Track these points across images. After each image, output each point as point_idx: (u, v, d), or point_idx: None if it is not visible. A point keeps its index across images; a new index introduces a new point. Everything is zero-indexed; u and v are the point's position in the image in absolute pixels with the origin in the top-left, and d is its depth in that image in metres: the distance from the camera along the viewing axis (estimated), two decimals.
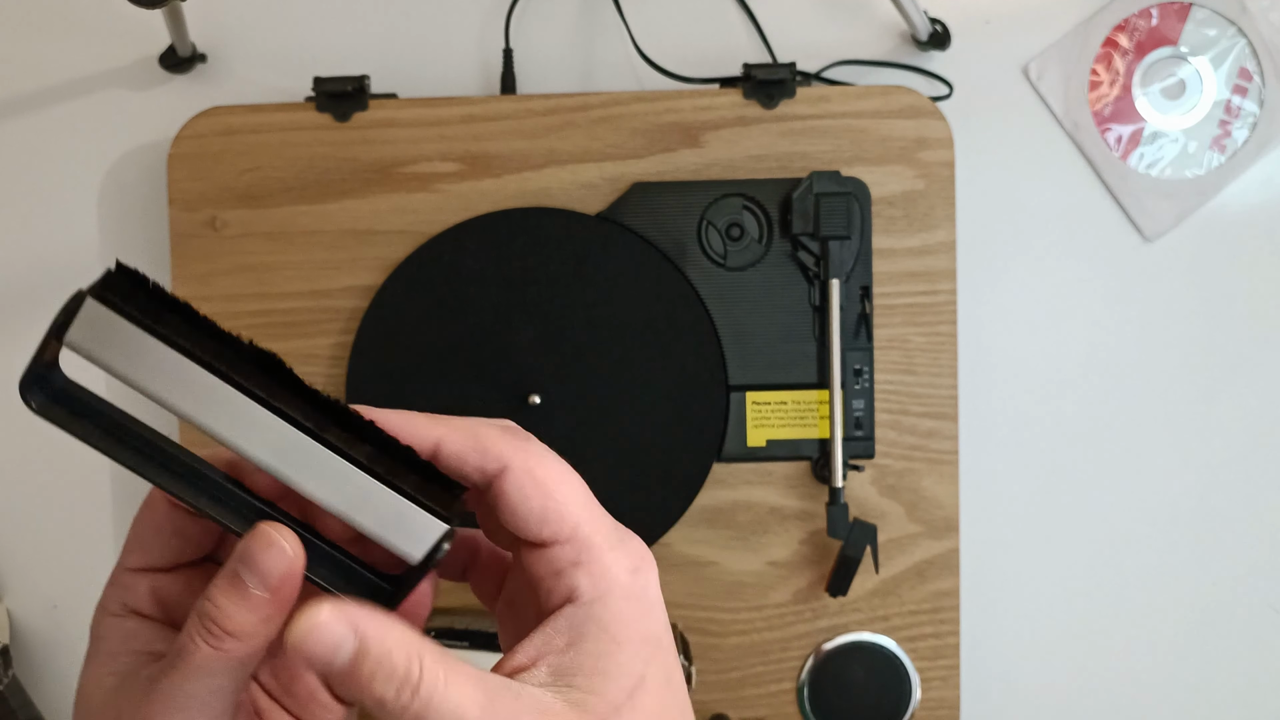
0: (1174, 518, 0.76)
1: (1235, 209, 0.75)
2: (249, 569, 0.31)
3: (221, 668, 0.31)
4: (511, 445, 0.33)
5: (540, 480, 0.33)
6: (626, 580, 0.33)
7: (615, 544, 0.33)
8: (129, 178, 0.75)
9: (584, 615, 0.32)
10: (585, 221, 0.70)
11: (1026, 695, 0.76)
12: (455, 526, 0.32)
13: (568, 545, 0.33)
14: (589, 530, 0.33)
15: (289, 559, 0.31)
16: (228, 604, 0.31)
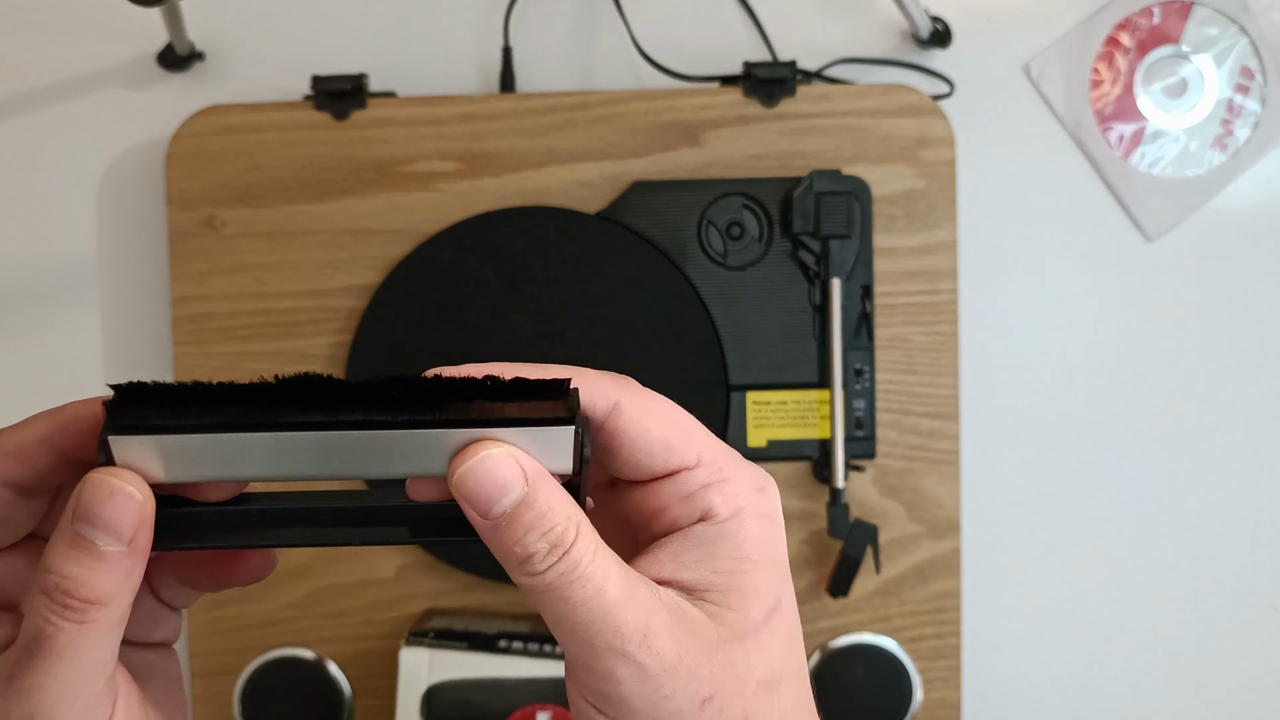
0: (1175, 517, 0.75)
1: (1237, 208, 0.75)
2: (94, 526, 0.28)
3: (91, 642, 0.29)
4: (616, 383, 0.32)
5: (653, 412, 0.32)
6: (759, 499, 0.32)
7: (740, 464, 0.33)
8: (127, 177, 0.75)
9: (717, 533, 0.31)
10: (585, 221, 0.70)
11: (1028, 696, 0.76)
12: (579, 420, 0.30)
13: (696, 469, 0.32)
14: (715, 451, 0.32)
15: (138, 503, 0.29)
16: (80, 571, 0.28)
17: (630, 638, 0.30)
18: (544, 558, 0.29)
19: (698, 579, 0.31)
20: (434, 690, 0.66)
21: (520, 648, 0.66)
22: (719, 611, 0.31)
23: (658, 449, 0.32)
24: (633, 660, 0.30)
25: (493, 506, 0.30)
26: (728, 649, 0.31)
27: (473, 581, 0.71)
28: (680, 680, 0.30)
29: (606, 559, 0.30)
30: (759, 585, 0.31)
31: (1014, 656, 0.76)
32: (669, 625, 0.30)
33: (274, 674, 0.71)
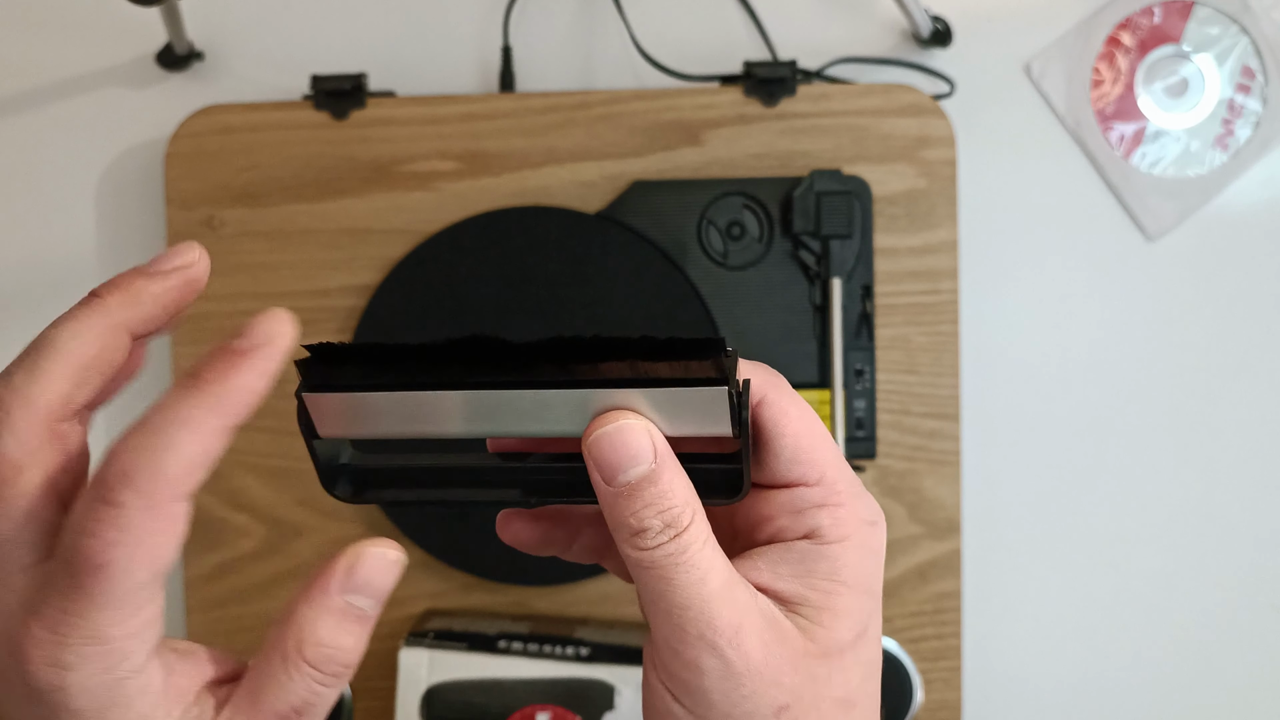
0: (1176, 517, 0.75)
1: (1238, 208, 0.75)
2: (365, 594, 0.30)
3: (335, 697, 0.30)
4: (765, 380, 0.32)
5: (795, 419, 0.32)
6: (867, 532, 0.33)
7: (859, 494, 0.33)
8: (126, 176, 0.75)
9: (818, 554, 0.32)
10: (585, 220, 0.70)
11: (1028, 697, 0.76)
12: (732, 383, 0.30)
13: (815, 487, 0.32)
14: (837, 475, 0.33)
15: (399, 572, 0.31)
16: (347, 639, 0.29)
17: (723, 631, 0.30)
18: (656, 534, 0.30)
19: (792, 592, 0.32)
20: (433, 691, 0.66)
21: (520, 648, 0.66)
22: (809, 627, 0.32)
23: (786, 456, 0.32)
24: (720, 654, 0.30)
25: (619, 474, 0.30)
26: (812, 663, 0.31)
27: (472, 582, 0.71)
28: (762, 684, 0.31)
29: (715, 552, 0.31)
30: (851, 609, 0.32)
31: (1014, 657, 0.75)
32: (760, 629, 0.31)
33: None
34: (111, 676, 0.27)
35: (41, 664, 0.27)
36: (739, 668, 0.30)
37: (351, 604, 0.30)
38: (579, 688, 0.65)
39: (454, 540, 0.70)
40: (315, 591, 0.30)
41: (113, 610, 0.27)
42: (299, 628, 0.29)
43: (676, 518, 0.30)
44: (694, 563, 0.30)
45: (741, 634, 0.30)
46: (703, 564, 0.30)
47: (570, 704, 0.65)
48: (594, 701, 0.65)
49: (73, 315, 0.31)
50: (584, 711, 0.65)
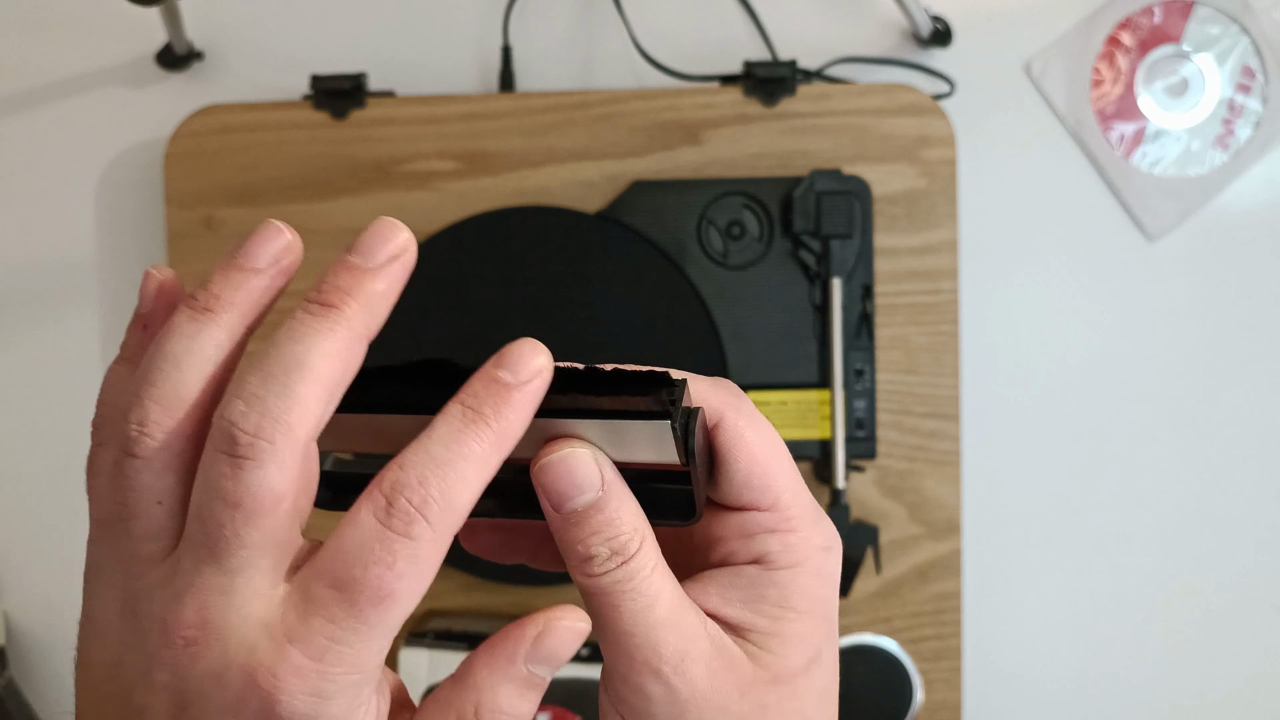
0: (1177, 518, 0.75)
1: (1238, 207, 0.75)
2: (549, 664, 0.30)
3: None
4: (723, 400, 0.32)
5: (749, 443, 0.32)
6: (819, 557, 0.32)
7: (814, 519, 0.33)
8: (125, 176, 0.75)
9: (768, 579, 0.32)
10: (584, 220, 0.70)
11: (1029, 697, 0.76)
12: (676, 416, 0.30)
13: (767, 513, 0.32)
14: (790, 501, 0.32)
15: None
16: (525, 706, 0.30)
17: (668, 659, 0.30)
18: (603, 562, 0.30)
19: (741, 618, 0.32)
20: None
21: None
22: (758, 653, 0.31)
23: (739, 480, 0.32)
24: (665, 681, 0.30)
25: (566, 502, 0.30)
26: (761, 690, 0.31)
27: (472, 583, 0.71)
28: (708, 710, 0.31)
29: (663, 578, 0.31)
30: (802, 635, 0.32)
31: (1014, 657, 0.75)
32: (707, 656, 0.31)
33: None
34: (357, 708, 0.28)
35: (301, 694, 0.27)
36: (684, 695, 0.30)
37: (534, 673, 0.30)
38: (579, 688, 0.65)
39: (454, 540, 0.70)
40: (500, 659, 0.30)
41: (382, 641, 0.27)
42: (479, 692, 0.29)
43: (623, 545, 0.30)
44: (640, 590, 0.30)
45: (686, 661, 0.30)
46: (649, 591, 0.30)
47: (570, 704, 0.65)
48: (594, 701, 0.65)
49: (317, 331, 0.31)
50: (584, 711, 0.65)
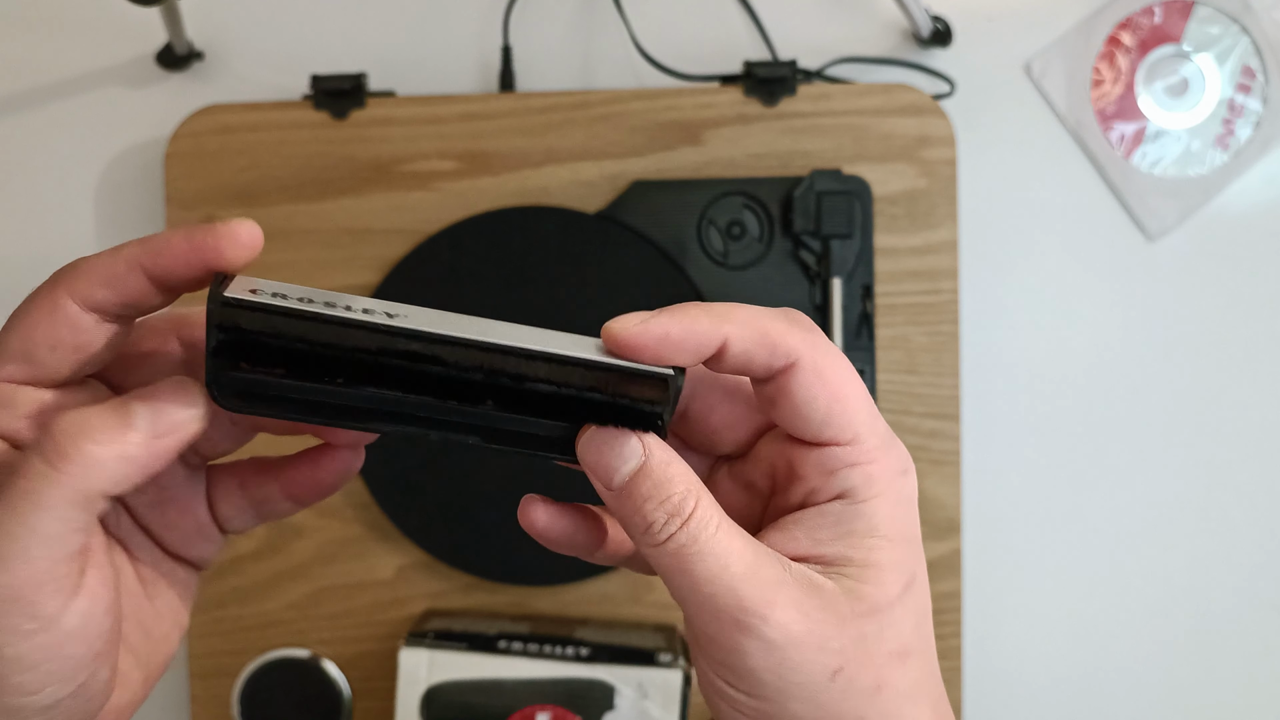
0: (1178, 518, 0.75)
1: (1239, 207, 0.75)
2: (145, 401, 0.29)
3: (51, 499, 0.27)
4: (799, 338, 0.32)
5: (828, 380, 0.32)
6: (900, 483, 0.33)
7: (889, 446, 0.33)
8: (125, 176, 0.75)
9: (854, 512, 0.32)
10: (584, 220, 0.70)
11: (1029, 697, 0.76)
12: (654, 430, 0.30)
13: (847, 447, 0.32)
14: (868, 433, 0.32)
15: (193, 413, 0.29)
16: (97, 424, 0.28)
17: (755, 610, 0.30)
18: (663, 526, 0.30)
19: (835, 554, 0.32)
20: (433, 691, 0.65)
21: (520, 649, 0.66)
22: (855, 586, 0.31)
23: (818, 418, 0.32)
24: (758, 634, 0.30)
25: (615, 475, 0.30)
26: (860, 623, 0.31)
27: (472, 582, 0.71)
28: (808, 652, 0.30)
29: (731, 534, 0.30)
30: (895, 561, 0.32)
31: (1014, 657, 0.75)
32: (796, 599, 0.30)
33: (273, 675, 0.70)
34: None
35: None
36: (780, 642, 0.30)
37: (128, 402, 0.29)
38: (579, 688, 0.65)
39: (454, 540, 0.70)
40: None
41: None
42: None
43: (679, 505, 0.30)
44: (709, 549, 0.30)
45: (775, 609, 0.30)
46: (719, 549, 0.30)
47: (570, 704, 0.65)
48: (594, 701, 0.65)
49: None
50: (584, 711, 0.65)
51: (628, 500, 0.30)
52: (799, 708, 0.31)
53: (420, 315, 0.30)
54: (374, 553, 0.71)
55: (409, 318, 0.30)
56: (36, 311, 0.30)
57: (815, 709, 0.31)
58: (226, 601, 0.71)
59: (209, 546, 0.36)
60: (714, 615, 0.30)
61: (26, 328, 0.30)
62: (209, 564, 0.37)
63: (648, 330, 0.31)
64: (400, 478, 0.70)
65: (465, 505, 0.70)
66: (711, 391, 0.35)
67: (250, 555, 0.71)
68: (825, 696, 0.31)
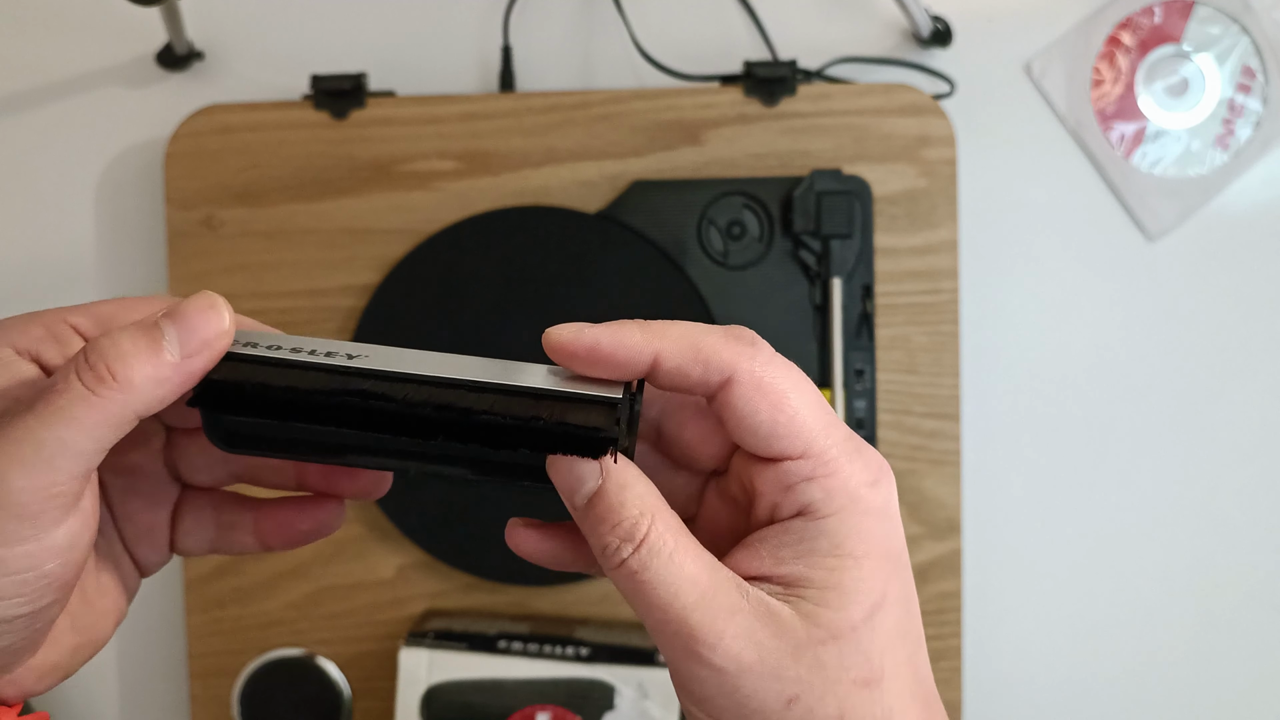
0: (1178, 518, 0.75)
1: (1239, 207, 0.75)
2: (174, 323, 0.29)
3: (84, 416, 0.28)
4: (736, 352, 0.31)
5: (768, 391, 0.31)
6: (866, 494, 0.31)
7: (852, 455, 0.31)
8: (125, 176, 0.75)
9: (816, 530, 0.31)
10: (584, 220, 0.70)
11: (1029, 697, 0.76)
12: (613, 449, 0.30)
13: (800, 461, 0.31)
14: (824, 443, 0.31)
15: (221, 328, 0.30)
16: (130, 349, 0.29)
17: (704, 641, 0.29)
18: (616, 550, 0.30)
19: (795, 574, 0.31)
20: (433, 691, 0.65)
21: (520, 649, 0.66)
22: (814, 610, 0.30)
23: (763, 433, 0.31)
24: (708, 664, 0.30)
25: (574, 496, 0.30)
26: (817, 650, 0.30)
27: (472, 582, 0.71)
28: (761, 680, 0.30)
29: (686, 560, 0.30)
30: (860, 582, 0.30)
31: (1014, 657, 0.75)
32: (748, 629, 0.30)
33: (273, 675, 0.70)
34: None
35: None
36: (732, 671, 0.29)
37: (159, 325, 0.30)
38: (579, 688, 0.65)
39: (454, 540, 0.70)
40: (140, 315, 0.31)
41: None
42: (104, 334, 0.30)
43: (630, 531, 0.30)
44: (660, 577, 0.29)
45: (725, 640, 0.29)
46: (671, 576, 0.29)
47: (570, 704, 0.65)
48: (594, 701, 0.65)
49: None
50: (584, 711, 0.65)
51: (585, 522, 0.30)
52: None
53: (383, 355, 0.32)
54: (374, 553, 0.71)
55: (369, 358, 0.31)
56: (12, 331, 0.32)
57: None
58: (226, 601, 0.71)
59: (154, 555, 0.36)
60: (667, 641, 0.30)
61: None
62: (150, 572, 0.37)
63: (579, 339, 0.31)
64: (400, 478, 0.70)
65: (465, 505, 0.70)
66: (681, 409, 0.34)
67: (250, 555, 0.71)
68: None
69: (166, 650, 0.76)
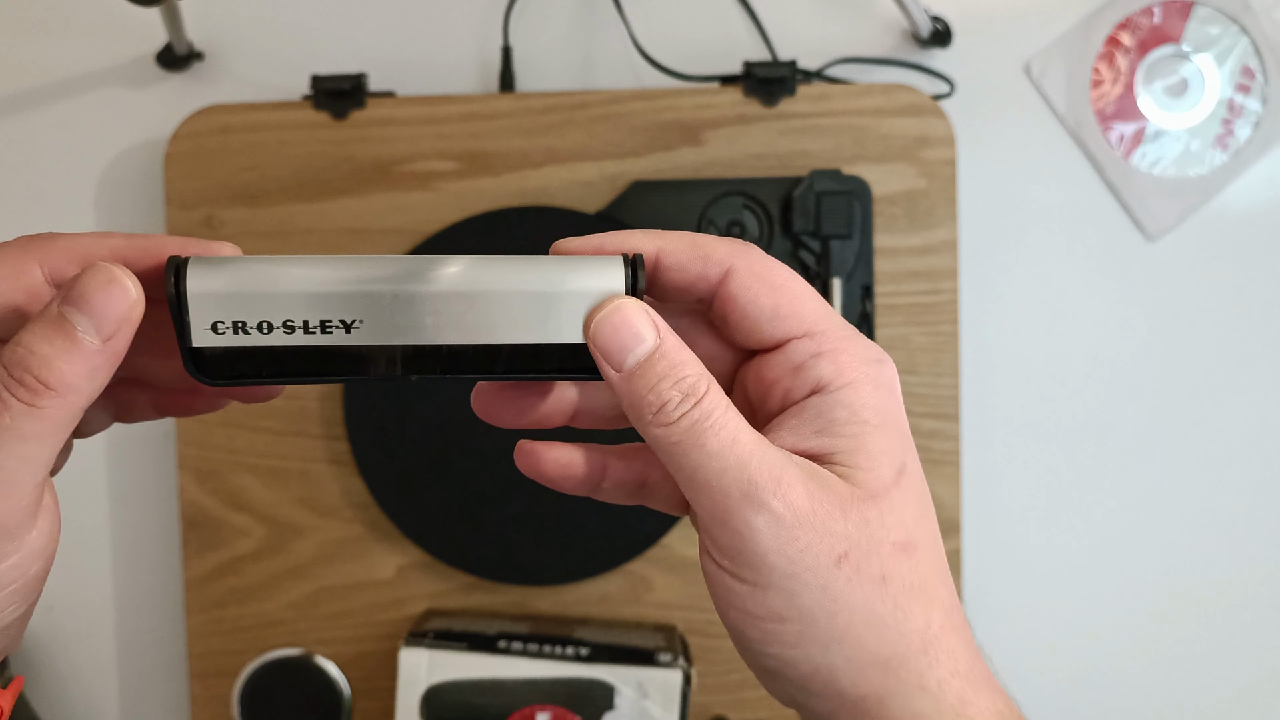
0: (1178, 518, 0.75)
1: (1238, 207, 0.75)
2: (82, 310, 0.28)
3: (35, 431, 0.28)
4: (732, 249, 0.32)
5: (766, 278, 0.32)
6: (874, 369, 0.32)
7: (853, 337, 0.32)
8: (126, 176, 0.75)
9: (832, 402, 0.31)
10: (584, 220, 0.70)
11: (1029, 697, 0.76)
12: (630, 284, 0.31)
13: (806, 339, 0.32)
14: (827, 321, 0.32)
15: (131, 300, 0.29)
16: (51, 352, 0.28)
17: (764, 485, 0.30)
18: (677, 405, 0.30)
19: (820, 446, 0.31)
20: (433, 691, 0.65)
21: (520, 648, 0.66)
22: (848, 472, 0.31)
23: (766, 316, 0.32)
24: (767, 509, 0.30)
25: (627, 355, 0.30)
26: (862, 507, 0.31)
27: (472, 582, 0.71)
28: (815, 533, 0.30)
29: (738, 415, 0.31)
30: (883, 447, 0.31)
31: (1015, 657, 0.75)
32: (802, 478, 0.30)
33: (273, 675, 0.70)
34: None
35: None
36: (789, 519, 0.30)
37: (64, 314, 0.28)
38: (579, 688, 0.65)
39: (454, 540, 0.70)
40: (38, 300, 0.29)
41: None
42: (18, 335, 0.29)
43: (693, 386, 0.30)
44: (721, 425, 0.30)
45: (783, 484, 0.30)
46: (730, 426, 0.30)
47: (570, 704, 0.65)
48: (594, 701, 0.65)
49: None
50: (584, 711, 0.65)
51: (640, 381, 0.30)
52: (809, 598, 0.30)
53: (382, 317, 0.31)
54: (374, 553, 0.71)
55: (365, 323, 0.31)
56: (2, 268, 0.30)
57: (825, 599, 0.30)
58: (226, 601, 0.71)
59: (65, 451, 0.35)
60: (723, 493, 0.30)
61: None
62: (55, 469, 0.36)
63: (586, 241, 0.32)
64: (400, 478, 0.70)
65: (465, 505, 0.70)
66: (689, 331, 0.35)
67: (250, 555, 0.71)
68: (834, 584, 0.30)
69: (166, 650, 0.76)
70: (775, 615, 0.31)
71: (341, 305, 0.30)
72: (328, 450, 0.71)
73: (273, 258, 0.30)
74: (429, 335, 0.31)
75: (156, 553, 0.75)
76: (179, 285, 0.29)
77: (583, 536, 0.69)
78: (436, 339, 0.31)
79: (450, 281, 0.30)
